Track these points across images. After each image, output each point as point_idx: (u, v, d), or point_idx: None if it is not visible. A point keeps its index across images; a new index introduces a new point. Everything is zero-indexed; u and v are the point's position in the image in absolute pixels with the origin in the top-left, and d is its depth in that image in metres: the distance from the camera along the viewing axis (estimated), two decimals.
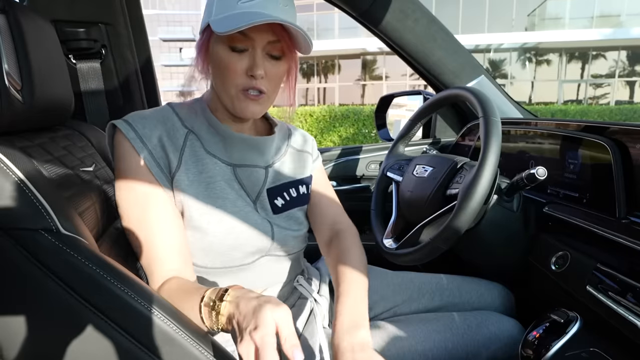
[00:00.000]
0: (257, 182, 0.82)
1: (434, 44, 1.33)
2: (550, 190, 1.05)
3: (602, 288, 0.77)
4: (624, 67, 16.38)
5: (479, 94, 0.91)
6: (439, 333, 0.85)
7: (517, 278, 1.05)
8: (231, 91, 0.75)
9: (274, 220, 0.82)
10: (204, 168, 0.76)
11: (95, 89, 1.20)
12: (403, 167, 1.14)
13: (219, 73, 0.75)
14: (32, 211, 0.61)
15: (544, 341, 0.64)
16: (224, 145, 0.80)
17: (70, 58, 1.16)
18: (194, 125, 0.79)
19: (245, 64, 0.73)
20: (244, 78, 0.74)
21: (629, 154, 0.85)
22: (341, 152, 1.54)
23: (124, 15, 1.21)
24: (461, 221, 0.81)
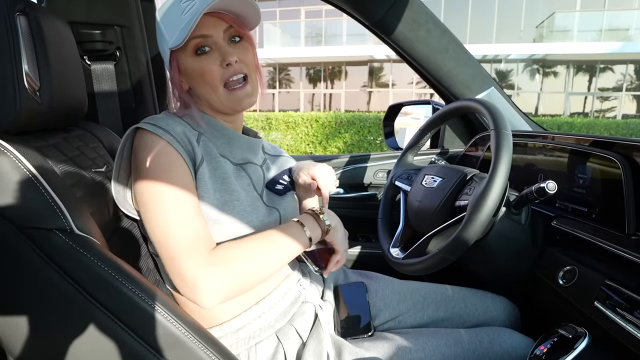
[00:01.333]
0: (260, 178, 0.88)
1: (446, 55, 1.33)
2: (558, 204, 1.05)
3: (610, 304, 0.77)
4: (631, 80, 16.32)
5: (490, 107, 0.91)
6: (449, 348, 0.85)
7: (524, 291, 1.05)
8: (217, 91, 0.79)
9: (280, 205, 0.88)
10: (217, 166, 0.80)
11: (108, 91, 1.21)
12: (412, 177, 1.14)
13: (199, 81, 0.79)
14: (47, 211, 0.62)
15: (551, 356, 0.64)
16: (229, 146, 0.85)
17: (85, 59, 1.18)
18: (200, 129, 0.82)
19: (217, 59, 0.77)
20: (221, 71, 0.78)
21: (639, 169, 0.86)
22: (349, 159, 1.55)
23: (139, 18, 1.23)
24: (470, 233, 0.81)
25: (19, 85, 0.66)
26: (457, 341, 0.87)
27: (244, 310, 0.81)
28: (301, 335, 0.83)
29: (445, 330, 0.92)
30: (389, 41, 1.33)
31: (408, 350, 0.83)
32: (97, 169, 0.88)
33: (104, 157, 0.95)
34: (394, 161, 1.52)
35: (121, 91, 1.23)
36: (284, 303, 0.84)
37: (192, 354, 0.63)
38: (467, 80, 1.37)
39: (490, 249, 0.94)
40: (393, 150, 1.65)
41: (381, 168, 1.54)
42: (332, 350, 0.80)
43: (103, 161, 0.92)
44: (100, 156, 0.94)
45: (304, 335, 0.83)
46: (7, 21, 0.65)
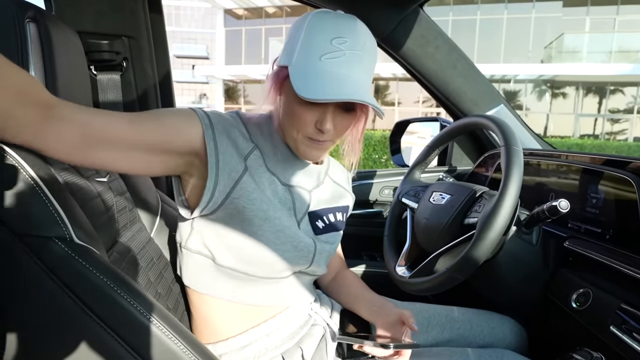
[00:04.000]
0: (304, 203, 0.83)
1: (454, 72, 1.34)
2: (571, 225, 1.04)
3: (627, 329, 0.76)
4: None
5: (500, 123, 0.91)
6: None
7: (534, 314, 1.03)
8: (297, 135, 0.76)
9: (317, 240, 0.83)
10: (261, 182, 0.77)
11: (113, 101, 1.22)
12: (419, 194, 1.13)
13: (287, 116, 0.76)
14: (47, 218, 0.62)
15: None
16: (283, 165, 0.81)
17: (91, 69, 1.19)
18: (259, 141, 0.79)
19: (316, 116, 0.73)
20: (311, 128, 0.74)
21: None
22: (355, 175, 1.55)
23: (147, 29, 1.25)
24: (480, 251, 0.80)
25: None
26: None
27: (252, 327, 0.80)
28: (305, 357, 0.82)
29: (449, 350, 0.91)
30: (397, 57, 1.34)
31: None
32: (100, 179, 0.88)
33: None
34: (400, 178, 1.52)
35: (126, 101, 1.25)
36: (294, 325, 0.84)
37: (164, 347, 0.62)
38: (476, 97, 1.37)
39: (500, 269, 0.93)
40: (399, 167, 1.65)
41: (387, 185, 1.54)
42: None
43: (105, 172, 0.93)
44: None
45: (308, 357, 0.82)
46: (16, 27, 0.66)
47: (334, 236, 0.89)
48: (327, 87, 0.67)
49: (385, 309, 0.91)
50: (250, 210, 0.73)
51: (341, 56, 0.69)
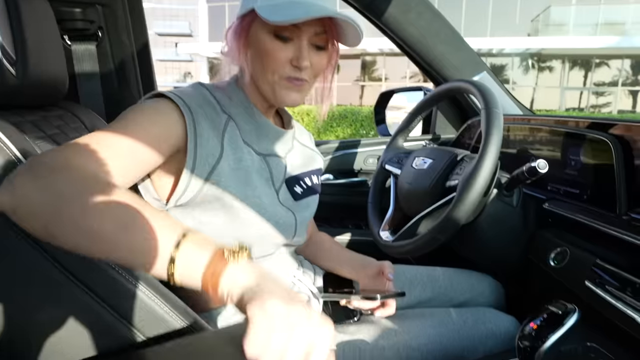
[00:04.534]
0: (281, 171, 0.83)
1: (437, 39, 1.34)
2: (550, 187, 1.06)
3: (601, 283, 0.78)
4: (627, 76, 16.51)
5: (481, 87, 0.92)
6: (434, 328, 0.86)
7: (514, 274, 1.06)
8: (273, 78, 0.74)
9: (295, 209, 0.83)
10: (242, 157, 0.74)
11: (89, 72, 1.19)
12: (402, 160, 1.14)
13: (261, 60, 0.73)
14: None
15: (541, 333, 0.65)
16: (256, 133, 0.79)
17: (65, 39, 1.16)
18: (231, 111, 0.77)
19: (290, 53, 0.72)
20: (287, 67, 0.73)
21: (631, 150, 0.87)
22: (339, 145, 1.55)
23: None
24: (460, 212, 0.82)
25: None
26: (441, 322, 0.88)
27: None
28: None
29: (431, 311, 0.93)
30: (380, 24, 1.33)
31: (393, 333, 0.83)
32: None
33: None
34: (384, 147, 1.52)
35: (103, 73, 1.22)
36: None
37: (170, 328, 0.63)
38: (459, 64, 1.37)
39: (482, 232, 0.95)
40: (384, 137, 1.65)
41: (372, 154, 1.55)
42: None
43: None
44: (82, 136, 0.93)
45: None
46: None
47: (313, 199, 0.89)
48: (298, 10, 0.67)
49: (365, 264, 0.94)
50: (229, 195, 0.71)
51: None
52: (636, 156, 0.85)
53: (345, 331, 0.84)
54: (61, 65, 0.86)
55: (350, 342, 0.81)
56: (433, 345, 0.83)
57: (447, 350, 0.84)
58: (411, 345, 0.82)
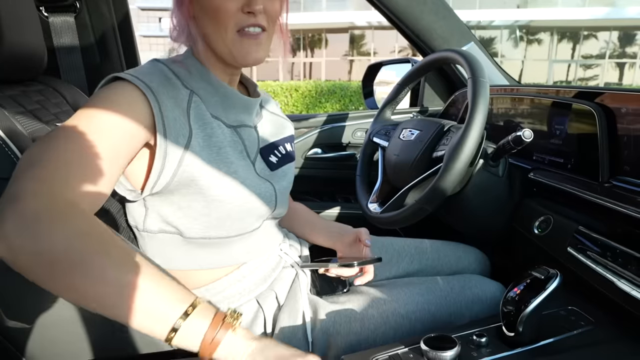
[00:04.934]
0: (254, 142, 0.81)
1: (424, 7, 1.32)
2: (535, 157, 1.07)
3: (582, 249, 0.80)
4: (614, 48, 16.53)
5: (468, 56, 0.91)
6: (421, 296, 0.88)
7: (499, 243, 1.08)
8: (227, 35, 0.69)
9: (273, 180, 0.82)
10: (212, 132, 0.71)
11: (69, 45, 1.16)
12: (389, 132, 1.14)
13: (210, 18, 0.69)
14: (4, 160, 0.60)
15: (524, 297, 0.66)
16: (222, 105, 0.76)
17: (41, 11, 1.12)
18: (193, 85, 0.73)
19: (240, 1, 0.68)
20: (240, 16, 0.68)
21: (614, 119, 0.87)
22: (327, 118, 1.54)
23: None
24: (447, 182, 0.82)
25: None
26: (429, 289, 0.90)
27: (225, 275, 0.80)
28: (279, 298, 0.84)
29: (419, 279, 0.95)
30: None
31: (382, 302, 0.85)
32: (59, 123, 0.85)
33: (67, 112, 0.92)
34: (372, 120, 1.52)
35: (84, 46, 1.19)
36: (265, 268, 0.85)
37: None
38: (446, 34, 1.36)
39: (468, 201, 0.96)
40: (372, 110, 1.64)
41: (360, 127, 1.54)
42: (308, 309, 0.82)
43: (67, 117, 0.89)
44: (64, 112, 0.91)
45: (282, 298, 0.84)
46: None
47: (289, 167, 0.88)
48: None
49: (342, 232, 0.95)
50: (205, 175, 0.69)
51: None
52: (619, 125, 0.86)
53: (336, 301, 0.85)
54: (38, 38, 0.84)
55: (341, 311, 0.82)
56: (421, 312, 0.85)
57: (435, 317, 0.86)
58: (400, 312, 0.84)
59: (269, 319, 0.81)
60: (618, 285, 0.70)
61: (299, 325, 0.80)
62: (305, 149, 1.52)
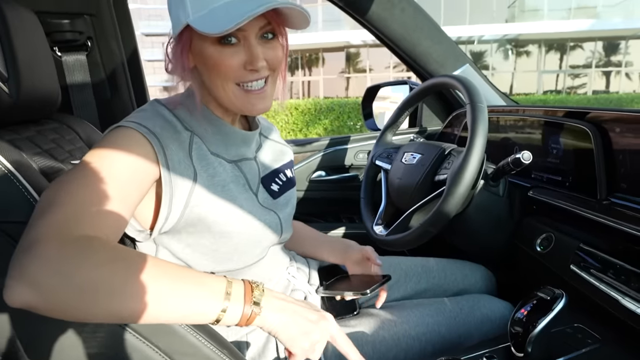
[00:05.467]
0: (255, 173, 0.80)
1: (420, 34, 1.33)
2: (534, 175, 1.07)
3: (585, 266, 0.80)
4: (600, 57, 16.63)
5: (465, 81, 0.92)
6: (431, 317, 0.87)
7: (503, 261, 1.08)
8: (228, 90, 0.68)
9: (276, 208, 0.82)
10: (214, 171, 0.71)
11: (81, 82, 1.17)
12: (391, 155, 1.15)
13: (212, 73, 0.68)
14: (23, 203, 0.60)
15: (531, 318, 0.66)
16: (223, 143, 0.75)
17: (55, 51, 1.14)
18: (193, 126, 0.71)
19: (242, 57, 0.66)
20: (242, 72, 0.67)
21: (609, 137, 0.88)
22: (329, 142, 1.54)
23: (109, 6, 1.19)
24: (450, 205, 0.82)
25: None
26: (439, 310, 0.89)
27: None
28: None
29: (428, 301, 0.94)
30: (363, 21, 1.32)
31: (393, 323, 0.84)
32: (75, 161, 0.86)
33: (81, 149, 0.92)
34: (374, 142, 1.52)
35: (95, 82, 1.20)
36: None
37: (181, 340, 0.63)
38: (442, 58, 1.37)
39: (471, 221, 0.96)
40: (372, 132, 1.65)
41: (361, 149, 1.55)
42: None
43: (81, 153, 0.90)
44: (77, 148, 0.91)
45: None
46: None
47: (291, 194, 0.87)
48: (234, 12, 0.60)
49: (349, 249, 0.95)
50: (211, 213, 0.69)
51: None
52: (614, 143, 0.87)
53: (347, 325, 0.84)
54: (53, 78, 0.84)
55: (353, 334, 0.81)
56: (432, 334, 0.84)
57: (445, 338, 0.85)
58: (411, 334, 0.83)
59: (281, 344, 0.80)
60: (622, 303, 0.70)
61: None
62: (309, 172, 1.52)
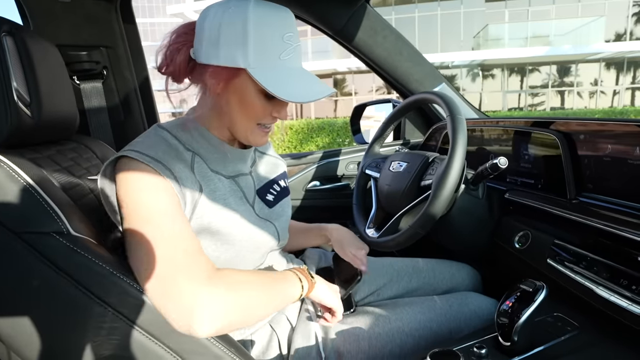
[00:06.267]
0: (251, 187, 0.78)
1: (401, 57, 1.33)
2: (509, 179, 1.06)
3: (560, 260, 0.78)
4: (555, 79, 16.93)
5: (444, 97, 0.91)
6: (423, 314, 0.84)
7: (485, 258, 1.06)
8: (249, 125, 0.70)
9: (272, 217, 0.79)
10: (215, 187, 0.69)
11: (97, 107, 1.15)
12: (380, 165, 1.13)
13: (242, 111, 0.68)
14: (42, 215, 0.57)
15: (516, 309, 0.64)
16: (222, 160, 0.73)
17: (74, 79, 1.12)
18: (194, 147, 0.70)
19: (273, 106, 0.69)
20: (268, 118, 0.70)
21: (575, 144, 0.87)
22: (322, 155, 1.53)
23: (123, 39, 1.17)
24: (437, 207, 0.80)
25: (9, 101, 0.61)
26: (430, 307, 0.86)
27: None
28: (290, 321, 0.80)
29: (419, 299, 0.91)
30: (351, 48, 1.32)
31: (388, 320, 0.81)
32: (92, 177, 0.83)
33: (97, 166, 0.90)
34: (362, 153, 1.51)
35: (110, 106, 1.17)
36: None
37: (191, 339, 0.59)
38: (421, 78, 1.37)
39: (454, 222, 0.94)
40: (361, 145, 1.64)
41: (352, 160, 1.53)
42: (320, 329, 0.78)
43: (97, 170, 0.87)
44: (94, 165, 0.89)
45: (293, 321, 0.80)
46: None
47: (285, 202, 0.85)
48: (301, 87, 0.64)
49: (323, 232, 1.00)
50: (214, 224, 0.67)
51: (293, 52, 0.66)
52: (580, 149, 0.86)
53: (344, 322, 0.81)
54: (72, 104, 0.82)
55: (350, 330, 0.78)
56: (424, 330, 0.81)
57: (437, 334, 0.82)
58: (404, 330, 0.80)
59: (284, 341, 0.77)
60: (596, 292, 0.68)
61: (312, 345, 0.76)
62: (305, 182, 1.50)
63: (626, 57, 15.57)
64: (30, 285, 0.56)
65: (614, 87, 16.30)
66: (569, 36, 15.53)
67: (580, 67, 16.43)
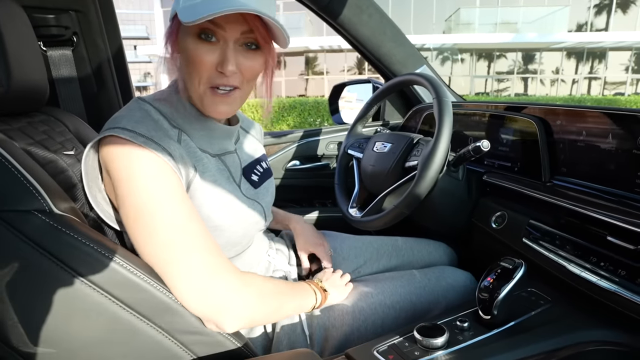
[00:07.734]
0: (237, 166, 0.76)
1: (384, 37, 1.32)
2: (487, 162, 1.09)
3: (535, 239, 0.82)
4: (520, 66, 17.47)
5: (431, 79, 0.92)
6: (403, 288, 0.87)
7: (463, 237, 1.09)
8: (199, 87, 0.63)
9: (258, 197, 0.78)
10: (204, 168, 0.66)
11: (67, 76, 1.07)
12: (362, 145, 1.13)
13: (187, 66, 0.62)
14: (23, 192, 0.54)
15: (496, 285, 0.67)
16: (207, 138, 0.70)
17: (40, 45, 1.03)
18: (179, 123, 0.66)
19: (216, 57, 0.60)
20: (212, 73, 0.61)
21: (551, 129, 0.90)
22: (303, 134, 1.51)
23: (95, 3, 1.09)
24: (422, 187, 0.82)
25: None
26: (410, 281, 0.89)
27: None
28: None
29: (399, 273, 0.94)
30: (335, 25, 1.30)
31: (370, 295, 0.84)
32: (67, 152, 0.78)
33: (71, 140, 0.84)
34: (343, 134, 1.51)
35: (81, 77, 1.10)
36: (257, 273, 0.81)
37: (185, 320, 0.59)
38: (404, 59, 1.37)
39: (436, 203, 0.96)
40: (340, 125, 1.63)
41: (332, 140, 1.53)
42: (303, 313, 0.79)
43: (71, 144, 0.82)
44: (68, 140, 0.84)
45: None
46: None
47: (270, 183, 0.84)
48: (212, 5, 0.55)
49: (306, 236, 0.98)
50: (205, 208, 0.65)
51: None
52: (555, 133, 0.90)
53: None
54: (41, 71, 0.77)
55: (334, 306, 0.80)
56: (404, 302, 0.84)
57: (416, 306, 0.85)
58: (386, 303, 0.83)
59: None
60: (568, 268, 0.73)
61: (297, 322, 0.77)
62: (285, 161, 1.49)
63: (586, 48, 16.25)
64: (13, 266, 0.53)
65: (574, 76, 17.04)
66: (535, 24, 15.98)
67: (543, 55, 17.02)
